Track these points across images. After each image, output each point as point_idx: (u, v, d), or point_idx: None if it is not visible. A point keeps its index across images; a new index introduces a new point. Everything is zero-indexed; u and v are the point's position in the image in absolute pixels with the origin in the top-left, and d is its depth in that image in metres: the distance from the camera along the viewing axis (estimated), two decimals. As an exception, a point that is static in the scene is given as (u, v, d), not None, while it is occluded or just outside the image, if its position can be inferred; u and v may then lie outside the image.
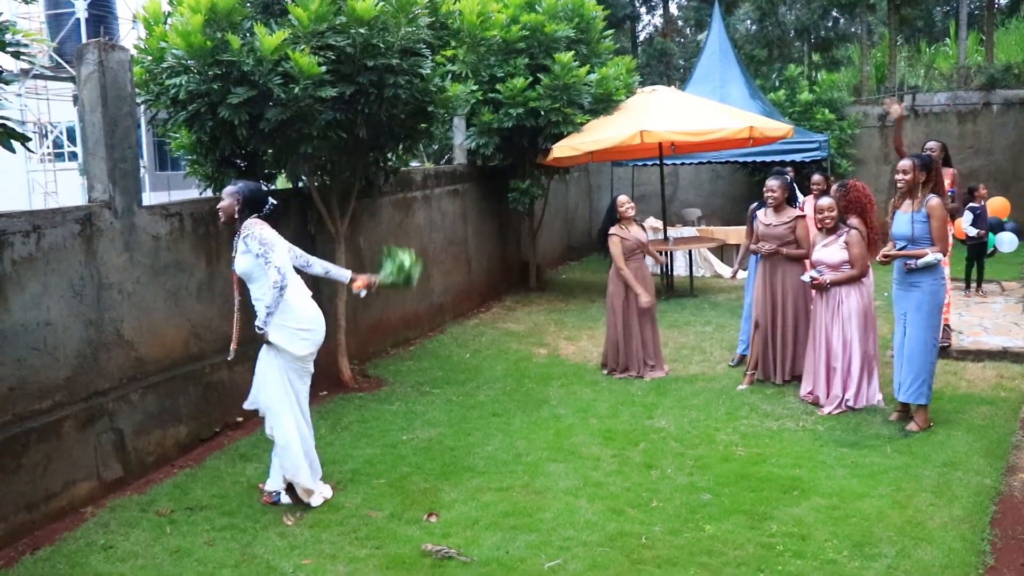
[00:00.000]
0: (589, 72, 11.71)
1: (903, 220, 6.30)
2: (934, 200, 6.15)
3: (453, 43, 7.92)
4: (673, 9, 25.34)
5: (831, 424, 6.55)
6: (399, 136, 7.85)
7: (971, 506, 5.01)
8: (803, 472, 5.58)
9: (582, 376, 8.23)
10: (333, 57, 6.70)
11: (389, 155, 8.50)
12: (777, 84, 19.04)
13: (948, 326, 8.43)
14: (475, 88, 10.72)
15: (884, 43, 22.66)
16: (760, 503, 5.13)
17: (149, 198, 18.81)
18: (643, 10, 24.23)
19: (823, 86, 18.80)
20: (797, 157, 15.17)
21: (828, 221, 6.96)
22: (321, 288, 8.30)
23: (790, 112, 17.95)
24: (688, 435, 6.41)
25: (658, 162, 13.22)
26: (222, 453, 6.41)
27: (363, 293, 5.99)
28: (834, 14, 22.14)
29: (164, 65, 6.76)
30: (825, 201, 7.00)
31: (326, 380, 8.02)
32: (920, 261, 6.13)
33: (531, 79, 11.47)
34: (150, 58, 6.99)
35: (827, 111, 17.85)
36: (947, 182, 8.52)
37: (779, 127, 12.00)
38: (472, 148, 12.09)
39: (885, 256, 6.41)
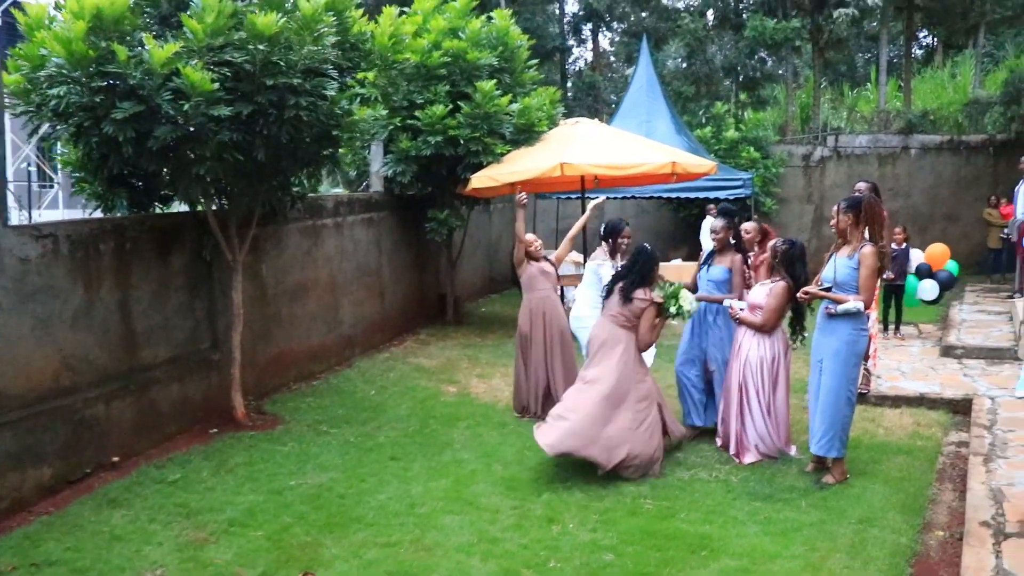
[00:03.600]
0: (511, 102, 11.45)
1: (833, 264, 6.12)
2: (867, 248, 5.93)
3: (363, 65, 7.55)
4: (604, 44, 25.42)
5: (745, 475, 6.27)
6: (303, 160, 7.42)
7: (887, 568, 4.75)
8: (713, 528, 5.27)
9: (491, 417, 7.84)
10: (230, 74, 6.27)
11: (294, 181, 8.07)
12: (704, 121, 19.10)
13: (869, 372, 8.29)
14: (384, 112, 10.36)
15: (809, 85, 23.00)
16: (665, 564, 4.79)
17: (62, 216, 17.98)
18: (573, 43, 24.20)
19: (749, 125, 18.93)
20: (721, 194, 15.14)
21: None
22: (216, 318, 7.81)
23: (716, 149, 17.99)
24: (595, 485, 6.06)
25: (580, 196, 12.96)
26: (89, 498, 5.86)
27: None
28: (761, 54, 22.37)
29: (43, 74, 6.24)
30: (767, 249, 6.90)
31: (217, 417, 7.52)
32: (840, 307, 5.93)
33: (451, 107, 11.16)
34: (29, 66, 6.46)
35: (752, 149, 17.94)
36: None
37: (702, 163, 11.87)
38: (389, 176, 11.71)
39: (805, 293, 6.21)
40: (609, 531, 5.24)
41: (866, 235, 6.03)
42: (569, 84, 23.60)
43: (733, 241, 7.30)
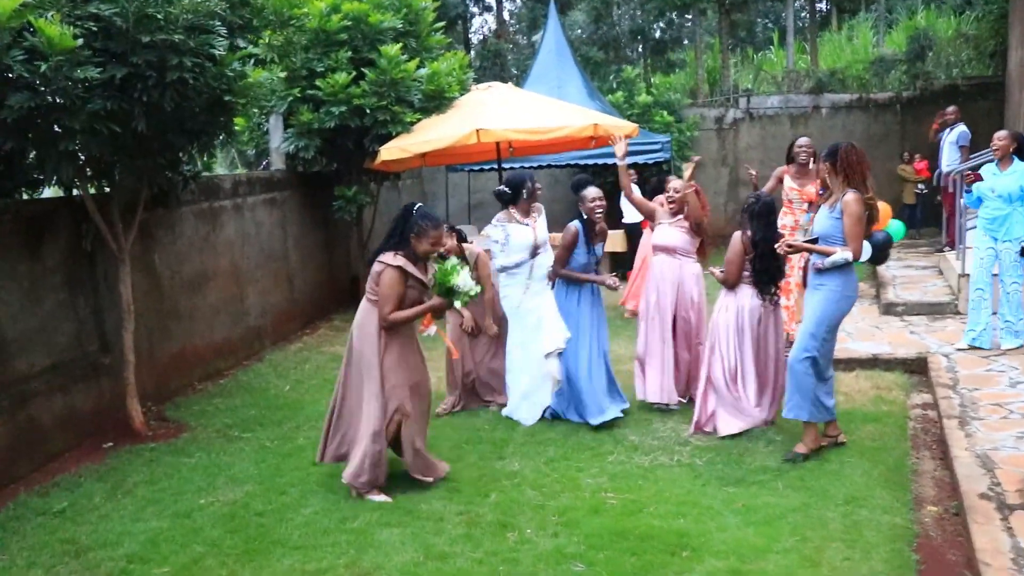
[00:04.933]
0: (419, 67, 10.65)
1: (819, 215, 5.68)
2: (849, 195, 5.40)
3: (256, 23, 6.66)
4: (506, 15, 24.64)
5: (710, 456, 5.71)
6: (192, 132, 6.50)
7: (890, 555, 4.22)
8: (689, 523, 4.66)
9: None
10: (96, 29, 5.35)
11: (185, 157, 7.16)
12: (615, 86, 18.54)
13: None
14: (282, 75, 9.48)
15: (715, 49, 22.70)
16: (645, 570, 4.16)
17: None
18: (476, 10, 23.39)
19: (660, 89, 18.45)
20: (640, 159, 14.61)
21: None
22: (104, 316, 6.87)
23: (628, 114, 17.43)
24: (547, 480, 5.42)
25: (495, 166, 12.23)
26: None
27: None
28: (668, 19, 21.96)
29: None
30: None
31: (111, 429, 6.61)
32: (827, 260, 5.42)
33: (355, 74, 10.31)
34: None
35: (665, 113, 17.44)
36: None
37: (624, 125, 11.25)
38: (291, 152, 10.80)
39: (789, 246, 5.70)
40: (573, 535, 4.58)
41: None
42: (473, 54, 22.78)
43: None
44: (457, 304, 5.31)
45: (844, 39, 24.10)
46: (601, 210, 6.52)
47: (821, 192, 6.42)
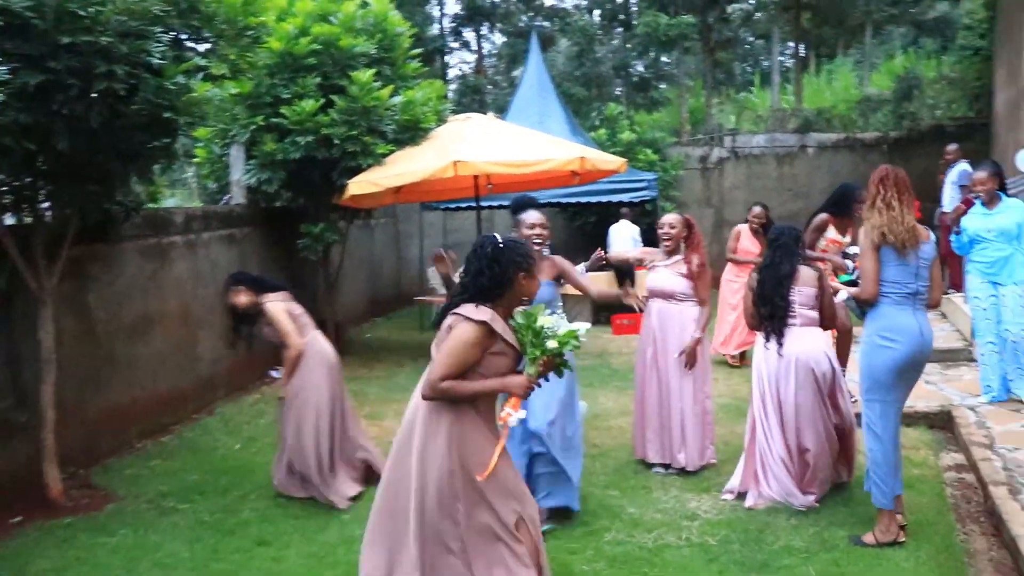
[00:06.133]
0: (393, 95, 9.91)
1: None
2: (863, 227, 4.73)
3: (206, 31, 5.89)
4: (488, 47, 24.12)
5: (723, 534, 4.88)
6: (126, 154, 5.67)
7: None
8: (709, 624, 3.83)
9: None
10: (3, 25, 4.55)
11: (123, 185, 6.34)
12: (597, 123, 17.92)
13: None
14: (235, 91, 8.71)
15: (698, 87, 22.25)
16: None
17: None
18: (456, 45, 22.80)
19: (644, 126, 17.87)
20: (626, 197, 13.93)
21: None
22: (21, 367, 5.98)
23: (612, 152, 16.78)
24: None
25: (473, 204, 11.46)
26: None
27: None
28: (653, 53, 21.48)
29: None
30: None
31: (23, 499, 5.68)
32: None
33: (323, 102, 9.55)
34: None
35: (649, 152, 16.82)
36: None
37: (612, 160, 10.55)
38: (253, 185, 9.99)
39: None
40: (570, 641, 3.74)
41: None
42: (452, 88, 22.18)
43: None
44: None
45: (824, 81, 23.78)
46: (540, 239, 5.38)
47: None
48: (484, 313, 3.49)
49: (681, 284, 6.01)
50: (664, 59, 22.57)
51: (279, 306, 5.91)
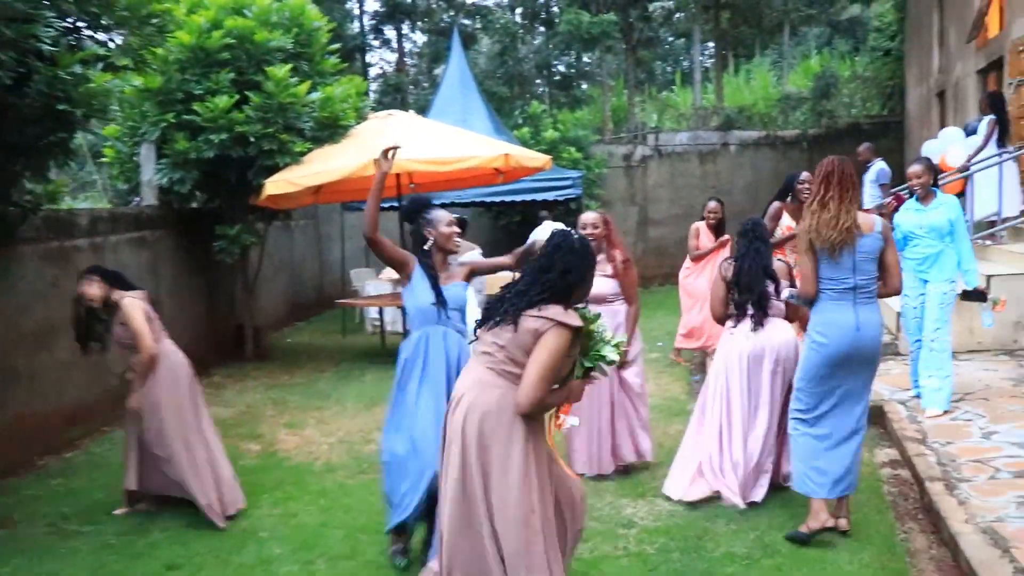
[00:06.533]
0: (310, 91, 9.57)
1: None
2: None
3: (105, 19, 5.51)
4: (409, 46, 23.75)
5: (661, 541, 4.69)
6: (17, 149, 5.27)
7: None
8: (652, 639, 3.65)
9: (305, 483, 5.91)
10: None
11: (16, 183, 5.90)
12: (520, 121, 17.76)
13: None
14: (138, 84, 8.30)
15: (619, 85, 22.28)
16: None
17: None
18: (376, 43, 22.38)
19: (567, 124, 17.78)
20: (550, 196, 13.80)
21: None
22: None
23: (536, 151, 16.66)
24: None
25: (395, 204, 11.11)
26: None
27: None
28: (574, 53, 21.43)
29: None
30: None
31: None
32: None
33: (238, 98, 9.19)
34: None
35: (573, 150, 16.72)
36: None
37: (537, 157, 10.40)
38: (165, 185, 9.54)
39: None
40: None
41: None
42: (374, 88, 21.77)
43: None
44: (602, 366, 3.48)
45: (743, 81, 24.07)
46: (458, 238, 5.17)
47: None
48: (574, 318, 3.28)
49: (610, 285, 5.80)
50: (586, 58, 22.57)
51: (136, 304, 5.33)
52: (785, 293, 5.04)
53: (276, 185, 9.08)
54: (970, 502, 4.75)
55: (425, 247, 4.51)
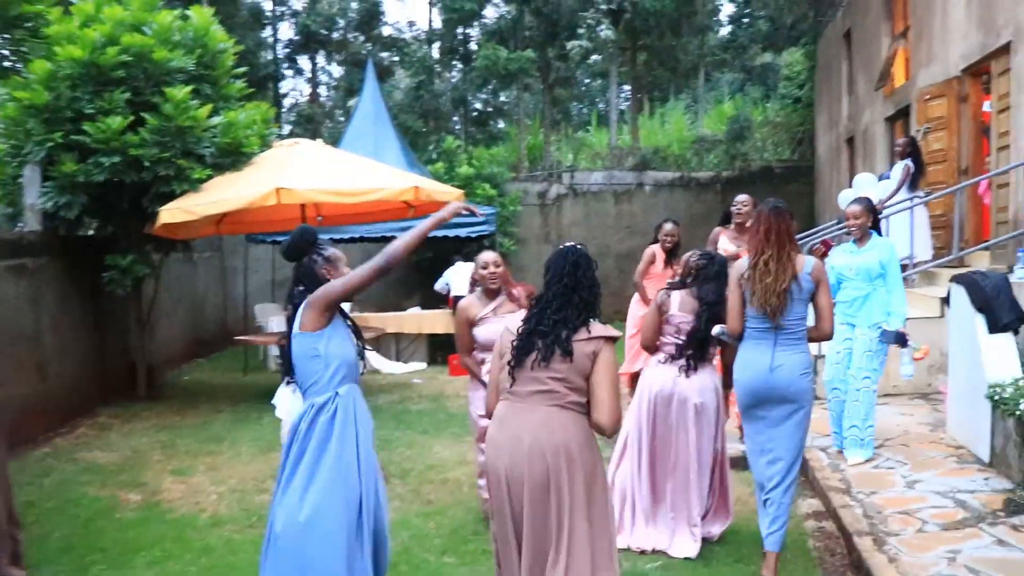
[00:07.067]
0: (212, 115, 9.08)
1: None
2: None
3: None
4: (324, 77, 23.24)
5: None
6: None
7: None
8: None
9: (189, 542, 5.33)
10: None
11: None
12: (435, 156, 17.45)
13: None
14: (25, 102, 7.73)
15: (535, 124, 22.20)
16: None
17: None
18: (289, 73, 21.84)
19: (481, 161, 17.54)
20: (463, 232, 13.47)
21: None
22: None
23: (450, 186, 16.35)
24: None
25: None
26: None
27: None
28: (492, 87, 21.29)
29: None
30: None
31: None
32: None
33: (133, 119, 8.66)
34: None
35: (488, 186, 16.46)
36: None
37: (448, 190, 10.07)
38: (50, 210, 8.89)
39: None
40: None
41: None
42: (290, 119, 21.23)
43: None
44: None
45: (657, 123, 24.27)
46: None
47: None
48: (612, 329, 3.38)
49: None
50: (503, 96, 22.47)
51: None
52: (716, 330, 4.85)
53: (172, 213, 8.54)
54: (900, 558, 4.51)
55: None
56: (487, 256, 5.44)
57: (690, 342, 5.02)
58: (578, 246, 3.50)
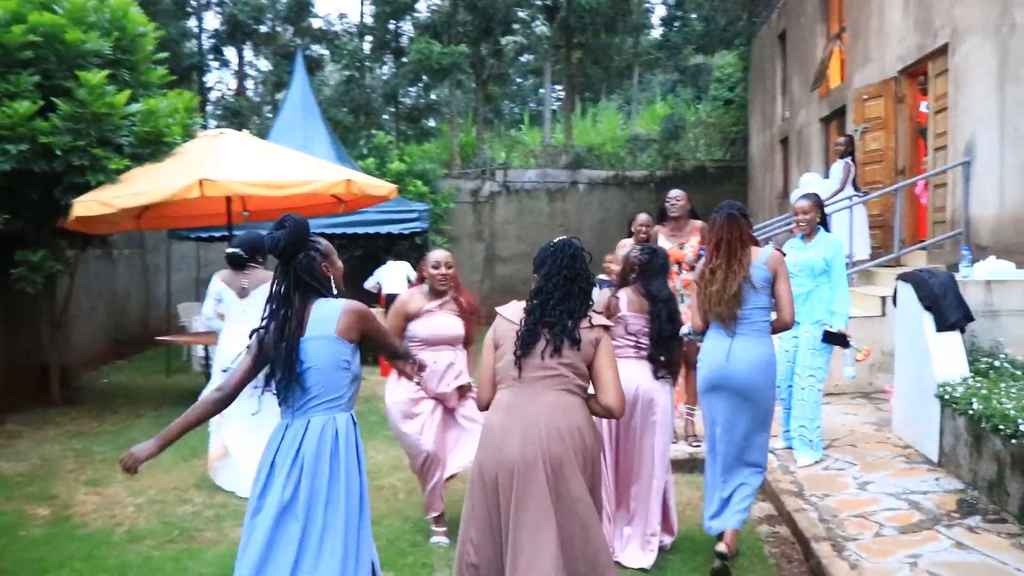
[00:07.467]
0: (130, 102, 8.57)
1: None
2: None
3: None
4: (251, 71, 22.47)
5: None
6: None
7: None
8: None
9: (101, 559, 4.87)
10: None
11: None
12: (366, 152, 17.02)
13: None
14: None
15: (467, 121, 21.88)
16: None
17: None
18: (216, 64, 21.04)
19: (413, 157, 17.17)
20: (395, 228, 13.08)
21: None
22: None
23: (382, 182, 15.96)
24: None
25: (227, 233, 10.07)
26: None
27: None
28: (422, 84, 20.88)
29: None
30: None
31: None
32: None
33: (43, 104, 8.10)
34: None
35: (420, 183, 16.08)
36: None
37: (381, 185, 9.70)
38: (-48, 202, 8.29)
39: None
40: None
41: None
42: (216, 113, 20.47)
43: None
44: None
45: (590, 122, 24.16)
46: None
47: (701, 252, 5.57)
48: (608, 320, 3.76)
49: (459, 326, 5.16)
50: (434, 94, 22.07)
51: None
52: (684, 329, 4.85)
53: (87, 206, 8.01)
54: (862, 564, 4.33)
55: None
56: (440, 255, 5.13)
57: (658, 343, 4.77)
58: (574, 240, 3.62)
